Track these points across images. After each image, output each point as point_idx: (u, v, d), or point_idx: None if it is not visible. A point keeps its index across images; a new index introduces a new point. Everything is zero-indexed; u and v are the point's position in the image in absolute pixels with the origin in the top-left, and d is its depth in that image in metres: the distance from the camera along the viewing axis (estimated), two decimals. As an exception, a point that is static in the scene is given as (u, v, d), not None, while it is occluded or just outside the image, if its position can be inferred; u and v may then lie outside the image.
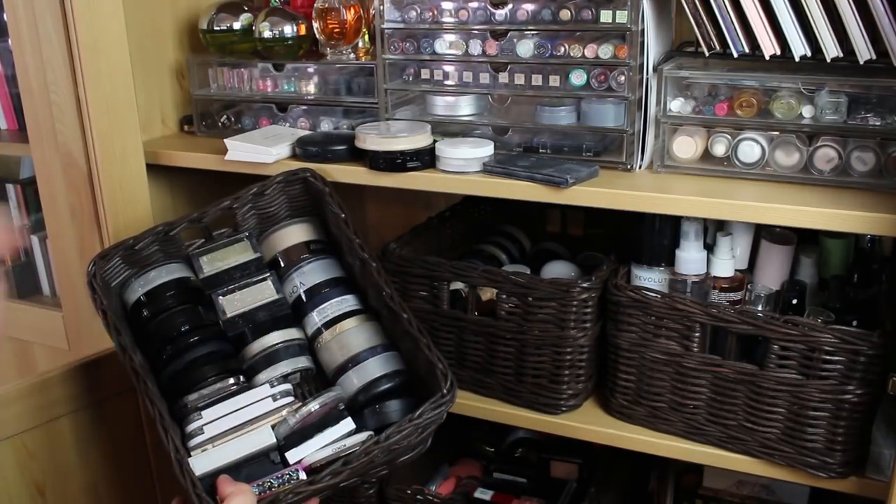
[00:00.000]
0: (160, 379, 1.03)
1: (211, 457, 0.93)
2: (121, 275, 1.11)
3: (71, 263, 1.38)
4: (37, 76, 1.28)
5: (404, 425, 0.92)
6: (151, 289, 1.08)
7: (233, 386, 1.02)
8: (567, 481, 1.40)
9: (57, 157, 1.31)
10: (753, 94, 1.03)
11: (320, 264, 1.14)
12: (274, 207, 1.19)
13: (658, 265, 1.12)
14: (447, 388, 0.94)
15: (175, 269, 1.11)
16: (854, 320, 1.01)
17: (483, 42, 1.14)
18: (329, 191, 1.14)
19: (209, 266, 1.10)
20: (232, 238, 1.14)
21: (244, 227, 1.17)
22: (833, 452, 1.01)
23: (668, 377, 1.09)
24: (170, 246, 1.13)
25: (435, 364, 0.96)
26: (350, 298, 1.11)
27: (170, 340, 1.04)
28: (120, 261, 1.09)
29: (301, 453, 0.94)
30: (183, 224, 1.12)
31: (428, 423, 0.93)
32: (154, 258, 1.12)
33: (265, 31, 1.32)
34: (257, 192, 1.16)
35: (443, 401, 0.94)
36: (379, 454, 0.91)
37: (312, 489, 0.88)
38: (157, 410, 0.93)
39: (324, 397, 0.97)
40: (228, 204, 1.15)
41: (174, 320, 1.06)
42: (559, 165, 1.08)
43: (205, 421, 0.96)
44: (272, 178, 1.16)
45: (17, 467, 1.12)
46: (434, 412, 0.93)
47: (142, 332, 1.06)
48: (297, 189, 1.18)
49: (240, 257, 1.11)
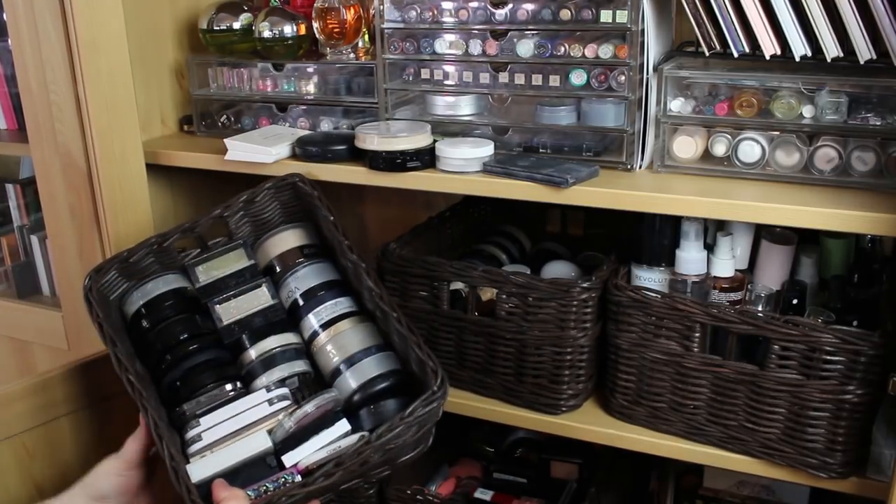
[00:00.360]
0: (160, 388, 1.04)
1: (208, 463, 0.93)
2: (119, 287, 1.12)
3: (71, 263, 1.38)
4: (36, 76, 1.28)
5: (395, 424, 0.91)
6: (149, 300, 1.10)
7: (230, 392, 1.02)
8: (567, 481, 1.40)
9: (56, 157, 1.31)
10: (754, 94, 1.03)
11: (315, 268, 1.15)
12: (267, 214, 1.20)
13: (658, 265, 1.12)
14: (438, 384, 0.94)
15: (172, 279, 1.13)
16: (854, 320, 1.01)
17: (483, 42, 1.14)
18: (318, 194, 1.14)
19: (205, 275, 1.12)
20: (227, 247, 1.15)
21: (239, 235, 1.18)
22: (833, 453, 1.01)
23: (668, 377, 1.09)
24: (165, 257, 1.15)
25: (425, 362, 0.96)
26: (345, 301, 1.11)
27: (169, 349, 1.05)
28: (116, 274, 1.11)
29: (297, 456, 0.94)
30: (175, 235, 1.14)
31: (422, 421, 0.93)
32: (151, 269, 1.14)
33: (265, 30, 1.32)
34: (248, 199, 1.17)
35: (434, 398, 0.93)
36: (372, 454, 0.91)
37: (305, 492, 0.88)
38: (153, 418, 0.93)
39: (319, 399, 0.97)
40: (220, 212, 1.16)
41: (173, 329, 1.07)
42: (559, 165, 1.08)
43: (203, 428, 0.96)
44: (261, 185, 1.17)
45: (17, 467, 1.12)
46: (425, 409, 0.92)
47: (142, 342, 1.08)
48: (288, 194, 1.19)
49: (235, 265, 1.12)
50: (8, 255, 1.68)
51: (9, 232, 1.70)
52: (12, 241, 1.68)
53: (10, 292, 1.65)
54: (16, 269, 1.66)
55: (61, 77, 1.26)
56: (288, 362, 1.07)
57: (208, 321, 1.09)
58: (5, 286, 1.67)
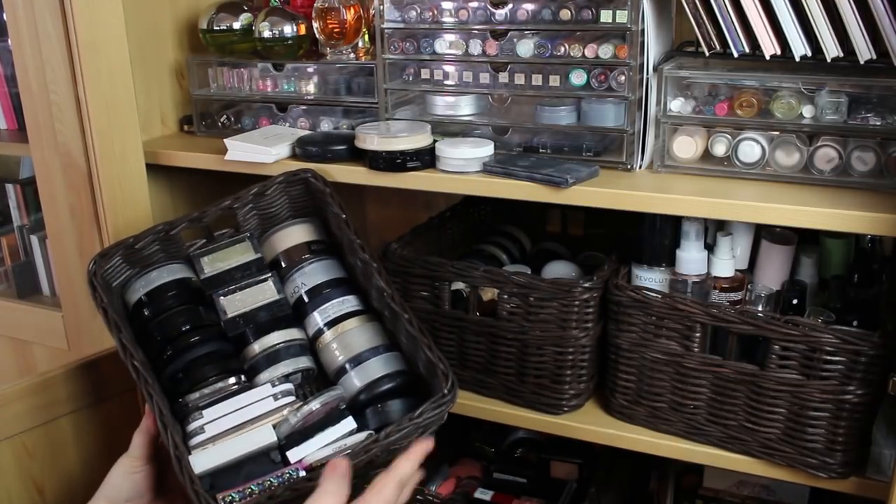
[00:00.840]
0: (161, 379, 1.02)
1: (211, 455, 0.93)
2: (122, 275, 1.10)
3: (71, 263, 1.38)
4: (36, 76, 1.28)
5: (404, 424, 0.91)
6: (152, 289, 1.08)
7: (234, 385, 1.02)
8: (567, 481, 1.40)
9: (56, 157, 1.31)
10: (754, 94, 1.03)
11: (322, 265, 1.14)
12: (275, 208, 1.19)
13: (658, 265, 1.12)
14: (448, 388, 0.94)
15: (176, 269, 1.11)
16: (854, 320, 1.01)
17: (483, 42, 1.14)
18: (330, 191, 1.14)
19: (210, 267, 1.10)
20: (233, 239, 1.13)
21: (246, 228, 1.17)
22: (833, 453, 1.01)
23: (668, 377, 1.09)
24: (171, 246, 1.13)
25: (436, 364, 0.96)
26: (352, 299, 1.11)
27: (171, 340, 1.04)
28: (121, 260, 1.09)
29: (302, 452, 0.94)
30: (183, 224, 1.12)
31: (428, 423, 0.93)
32: (155, 258, 1.12)
33: (265, 30, 1.32)
34: (258, 192, 1.15)
35: (443, 401, 0.94)
36: (378, 452, 0.91)
37: (309, 486, 0.88)
38: (158, 406, 0.93)
39: (325, 396, 0.97)
40: (229, 203, 1.14)
41: (175, 320, 1.05)
42: (559, 165, 1.08)
43: (206, 420, 0.96)
44: (273, 178, 1.16)
45: (17, 467, 1.12)
46: (434, 412, 0.93)
47: (143, 332, 1.06)
48: (298, 190, 1.18)
49: (241, 258, 1.11)
50: (8, 255, 1.68)
51: (9, 232, 1.70)
52: (12, 241, 1.69)
53: (10, 292, 1.65)
54: (16, 269, 1.66)
55: (61, 77, 1.26)
56: (292, 358, 1.06)
57: (212, 313, 1.08)
58: (5, 286, 1.67)
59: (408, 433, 0.91)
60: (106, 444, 1.23)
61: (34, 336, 1.54)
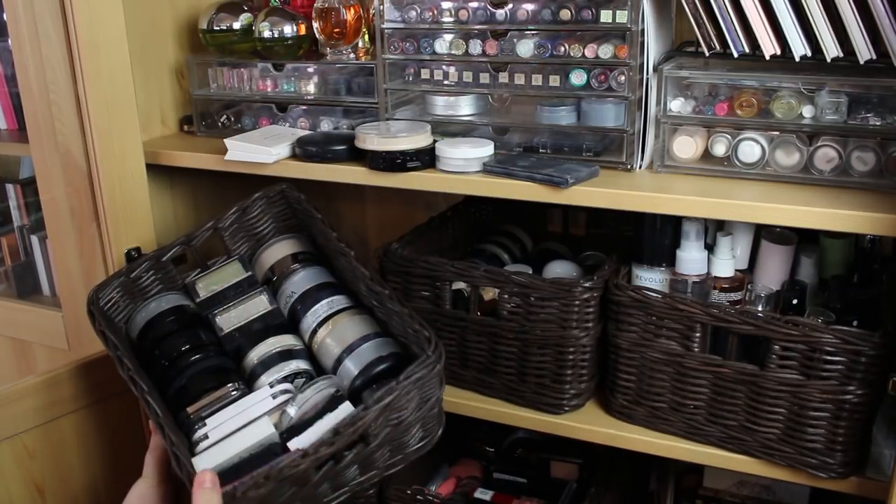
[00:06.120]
0: (166, 398, 1.04)
1: (213, 454, 0.93)
2: (123, 310, 1.16)
3: (71, 263, 1.38)
4: (36, 75, 1.28)
5: (392, 388, 0.90)
6: (152, 318, 1.13)
7: (233, 392, 1.02)
8: (567, 481, 1.40)
9: (57, 157, 1.31)
10: (753, 94, 1.03)
11: (309, 272, 1.17)
12: (262, 227, 1.24)
13: (659, 265, 1.12)
14: (432, 348, 0.94)
15: (173, 298, 1.16)
16: (855, 320, 1.01)
17: (483, 42, 1.14)
18: (303, 197, 1.19)
19: (205, 290, 1.16)
20: (224, 262, 1.19)
21: (236, 251, 1.22)
22: (833, 453, 1.01)
23: (668, 377, 1.09)
24: (166, 276, 1.19)
25: (420, 330, 0.97)
26: (340, 298, 1.13)
27: (172, 360, 1.07)
28: (120, 292, 1.15)
29: (302, 441, 0.93)
30: (174, 248, 1.18)
31: (420, 387, 0.92)
32: (152, 290, 1.18)
33: (265, 30, 1.32)
34: (239, 211, 1.21)
35: (428, 361, 0.93)
36: (372, 424, 0.90)
37: (307, 461, 0.87)
38: (153, 408, 0.94)
39: (318, 383, 0.98)
40: (212, 224, 1.20)
41: (175, 342, 1.08)
42: (559, 165, 1.08)
43: (209, 428, 0.97)
44: (251, 197, 1.21)
45: (17, 467, 1.13)
46: (421, 372, 0.92)
47: (147, 358, 1.09)
48: (281, 206, 1.24)
49: (232, 278, 1.16)
50: (8, 255, 1.68)
51: (9, 232, 1.70)
52: (12, 241, 1.69)
53: (10, 292, 1.65)
54: (16, 269, 1.66)
55: (61, 77, 1.26)
56: (287, 361, 1.07)
57: (211, 335, 1.11)
58: (5, 286, 1.67)
59: (397, 397, 0.90)
60: (106, 445, 1.23)
61: (34, 336, 1.54)
